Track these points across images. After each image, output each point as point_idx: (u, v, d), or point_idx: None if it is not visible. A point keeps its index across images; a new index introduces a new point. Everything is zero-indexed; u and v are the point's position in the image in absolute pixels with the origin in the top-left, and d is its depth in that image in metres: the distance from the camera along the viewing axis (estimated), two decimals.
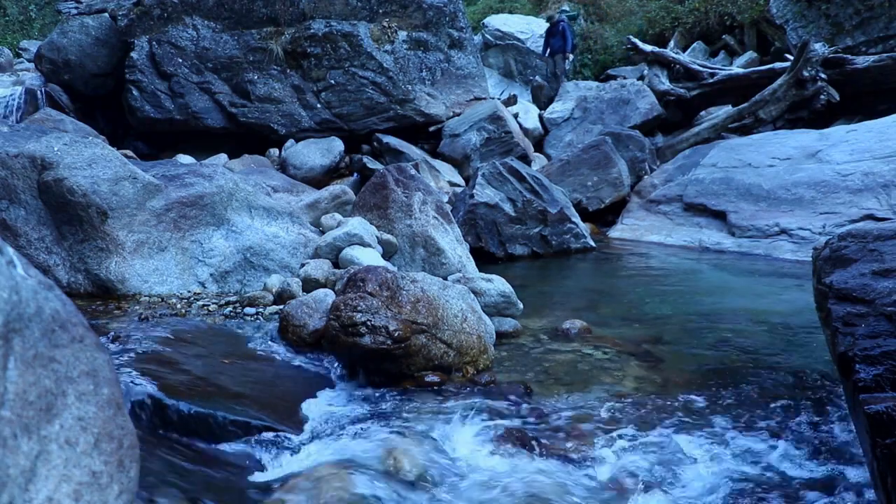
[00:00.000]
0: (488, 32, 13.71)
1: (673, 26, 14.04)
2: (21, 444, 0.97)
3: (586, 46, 14.95)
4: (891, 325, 1.94)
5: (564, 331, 3.64)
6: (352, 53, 9.43)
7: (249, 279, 3.97)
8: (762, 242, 6.38)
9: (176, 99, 9.17)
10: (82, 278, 3.59)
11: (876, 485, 1.76)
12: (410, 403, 2.64)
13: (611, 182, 8.11)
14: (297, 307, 3.19)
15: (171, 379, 2.36)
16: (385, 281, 2.98)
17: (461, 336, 2.99)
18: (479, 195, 6.43)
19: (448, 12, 10.15)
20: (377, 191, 4.74)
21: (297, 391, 2.71)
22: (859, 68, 9.46)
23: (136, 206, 3.70)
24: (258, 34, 9.26)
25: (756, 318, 3.97)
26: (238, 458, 2.16)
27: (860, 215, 6.04)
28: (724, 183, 7.33)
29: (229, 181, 4.13)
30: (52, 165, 3.53)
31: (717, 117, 10.08)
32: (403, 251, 4.49)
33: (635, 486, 2.04)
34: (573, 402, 2.70)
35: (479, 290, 3.60)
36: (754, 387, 2.83)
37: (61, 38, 9.81)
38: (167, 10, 9.18)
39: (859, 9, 10.36)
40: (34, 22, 16.66)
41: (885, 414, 1.70)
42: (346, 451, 2.17)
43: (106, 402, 1.14)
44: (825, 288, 2.22)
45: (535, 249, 6.46)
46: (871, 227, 2.31)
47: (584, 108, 11.01)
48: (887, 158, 6.46)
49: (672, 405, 2.65)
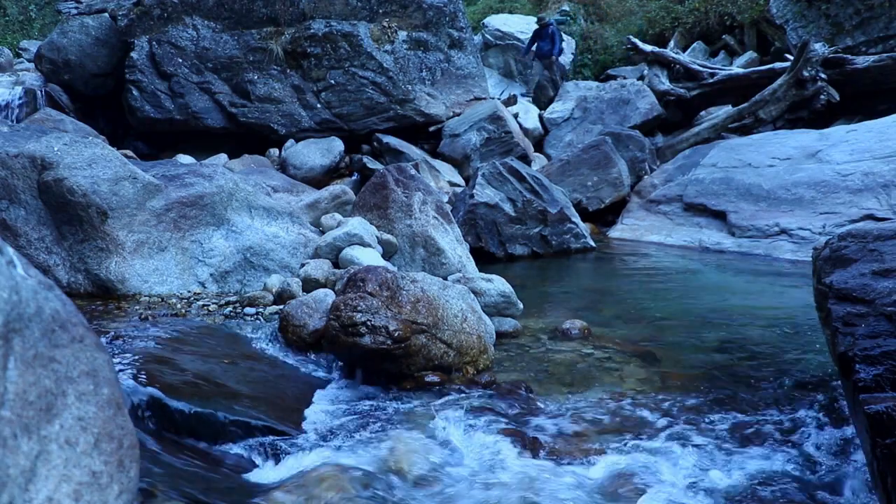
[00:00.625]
0: (488, 32, 13.71)
1: (673, 26, 14.04)
2: (21, 444, 0.97)
3: (586, 46, 14.95)
4: (891, 325, 1.94)
5: (564, 331, 3.64)
6: (352, 53, 9.43)
7: (249, 279, 3.97)
8: (762, 242, 6.38)
9: (176, 99, 9.17)
10: (82, 278, 3.59)
11: (876, 485, 1.76)
12: (410, 403, 2.65)
13: (611, 182, 8.11)
14: (297, 307, 3.19)
15: (171, 379, 2.36)
16: (385, 281, 2.98)
17: (461, 336, 2.99)
18: (479, 195, 6.43)
19: (448, 12, 10.15)
20: (377, 191, 4.74)
21: (297, 391, 2.71)
22: (859, 68, 9.46)
23: (136, 206, 3.70)
24: (258, 34, 9.26)
25: (756, 318, 3.97)
26: (238, 458, 2.16)
27: (860, 215, 6.04)
28: (724, 183, 7.33)
29: (229, 181, 4.13)
30: (52, 165, 3.53)
31: (717, 117, 10.08)
32: (403, 251, 4.49)
33: (635, 486, 2.04)
34: (573, 402, 2.70)
35: (479, 290, 3.60)
36: (754, 387, 2.83)
37: (61, 38, 9.80)
38: (167, 10, 9.18)
39: (859, 9, 10.37)
40: (34, 22, 16.67)
41: (885, 414, 1.70)
42: (346, 451, 2.17)
43: (106, 402, 1.14)
44: (825, 288, 2.22)
45: (535, 249, 6.46)
46: (871, 227, 2.31)
47: (584, 108, 11.01)
48: (887, 158, 6.46)
49: (672, 405, 2.65)
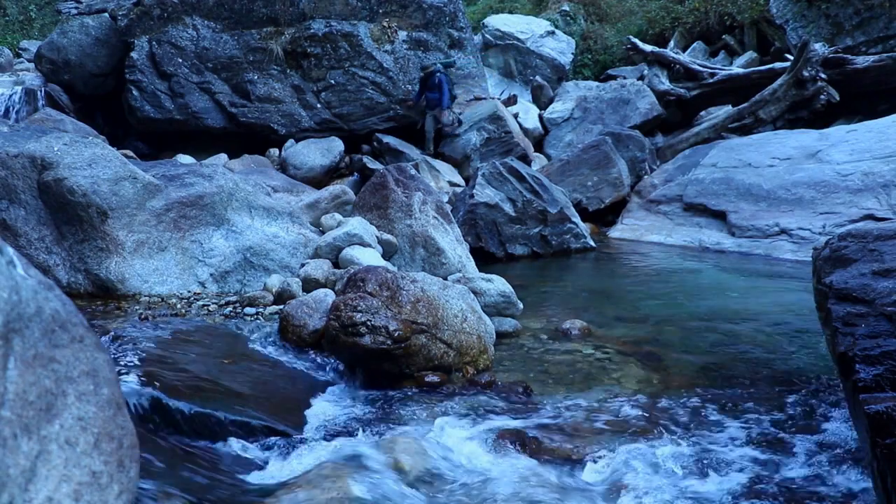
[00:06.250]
0: (488, 32, 13.69)
1: (673, 26, 14.03)
2: (21, 444, 0.97)
3: (586, 46, 14.94)
4: (891, 325, 1.94)
5: (564, 331, 3.64)
6: (352, 53, 9.43)
7: (249, 279, 3.97)
8: (762, 242, 6.38)
9: (176, 99, 9.17)
10: (82, 278, 3.59)
11: (876, 484, 1.76)
12: (410, 403, 2.65)
13: (611, 182, 8.11)
14: (297, 307, 3.19)
15: (171, 379, 2.36)
16: (385, 281, 2.98)
17: (461, 336, 2.99)
18: (479, 195, 6.43)
19: (448, 12, 10.15)
20: (377, 191, 4.74)
21: (297, 391, 2.71)
22: (859, 68, 9.45)
23: (136, 206, 3.69)
24: (258, 34, 9.26)
25: (755, 318, 3.97)
26: (238, 457, 2.16)
27: (860, 215, 6.03)
28: (724, 183, 7.33)
29: (229, 181, 4.13)
30: (52, 165, 3.53)
31: (717, 117, 10.08)
32: (403, 251, 4.49)
33: (635, 486, 2.04)
34: (573, 402, 2.70)
35: (479, 290, 3.60)
36: (754, 387, 2.83)
37: (61, 38, 9.80)
38: (167, 10, 9.17)
39: (859, 9, 10.36)
40: (34, 22, 16.66)
41: (885, 414, 1.70)
42: (346, 450, 2.17)
43: (106, 402, 1.14)
44: (825, 288, 2.22)
45: (535, 249, 6.46)
46: (871, 227, 2.31)
47: (584, 108, 11.00)
48: (887, 158, 6.46)
49: (671, 405, 2.65)
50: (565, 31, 14.65)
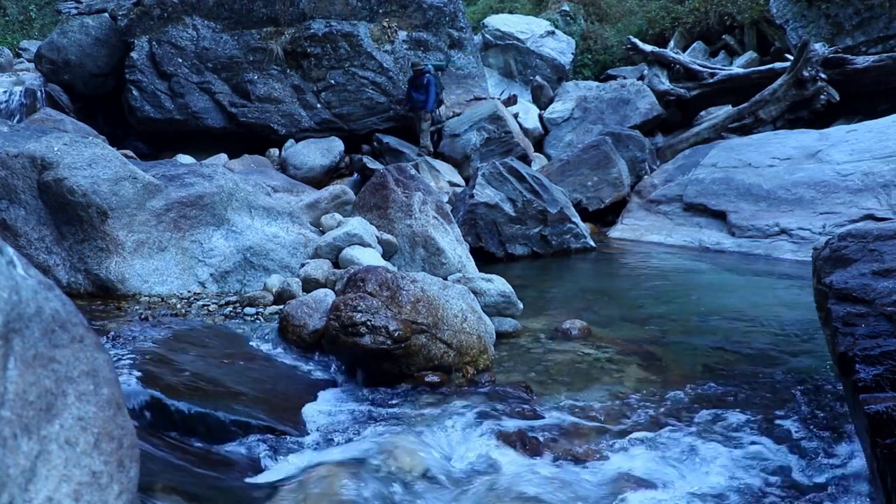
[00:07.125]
0: (488, 32, 13.69)
1: (673, 26, 14.03)
2: (21, 444, 0.97)
3: (586, 46, 14.95)
4: (891, 325, 1.94)
5: (564, 331, 3.64)
6: (352, 53, 9.43)
7: (249, 279, 3.97)
8: (762, 242, 6.38)
9: (176, 99, 9.17)
10: (82, 278, 3.59)
11: (876, 484, 1.76)
12: (410, 403, 2.64)
13: (611, 182, 8.11)
14: (297, 307, 3.19)
15: (171, 379, 2.36)
16: (385, 281, 2.98)
17: (461, 336, 2.99)
18: (479, 195, 6.43)
19: (448, 12, 10.15)
20: (377, 191, 4.74)
21: (297, 391, 2.71)
22: (859, 68, 9.45)
23: (136, 206, 3.70)
24: (258, 34, 9.27)
25: (755, 317, 3.97)
26: (238, 457, 2.16)
27: (860, 215, 6.03)
28: (724, 183, 7.33)
29: (229, 181, 4.13)
30: (52, 165, 3.53)
31: (717, 117, 10.08)
32: (403, 251, 4.49)
33: (635, 486, 2.04)
34: (573, 401, 2.70)
35: (479, 290, 3.60)
36: (754, 387, 2.83)
37: (61, 38, 9.81)
38: (167, 10, 9.18)
39: (859, 9, 10.36)
40: (34, 22, 16.66)
41: (885, 414, 1.70)
42: (346, 450, 2.17)
43: (106, 402, 1.14)
44: (825, 288, 2.22)
45: (535, 249, 6.46)
46: (871, 227, 2.31)
47: (584, 108, 11.01)
48: (887, 158, 6.46)
49: (671, 405, 2.65)
50: (565, 31, 14.65)
